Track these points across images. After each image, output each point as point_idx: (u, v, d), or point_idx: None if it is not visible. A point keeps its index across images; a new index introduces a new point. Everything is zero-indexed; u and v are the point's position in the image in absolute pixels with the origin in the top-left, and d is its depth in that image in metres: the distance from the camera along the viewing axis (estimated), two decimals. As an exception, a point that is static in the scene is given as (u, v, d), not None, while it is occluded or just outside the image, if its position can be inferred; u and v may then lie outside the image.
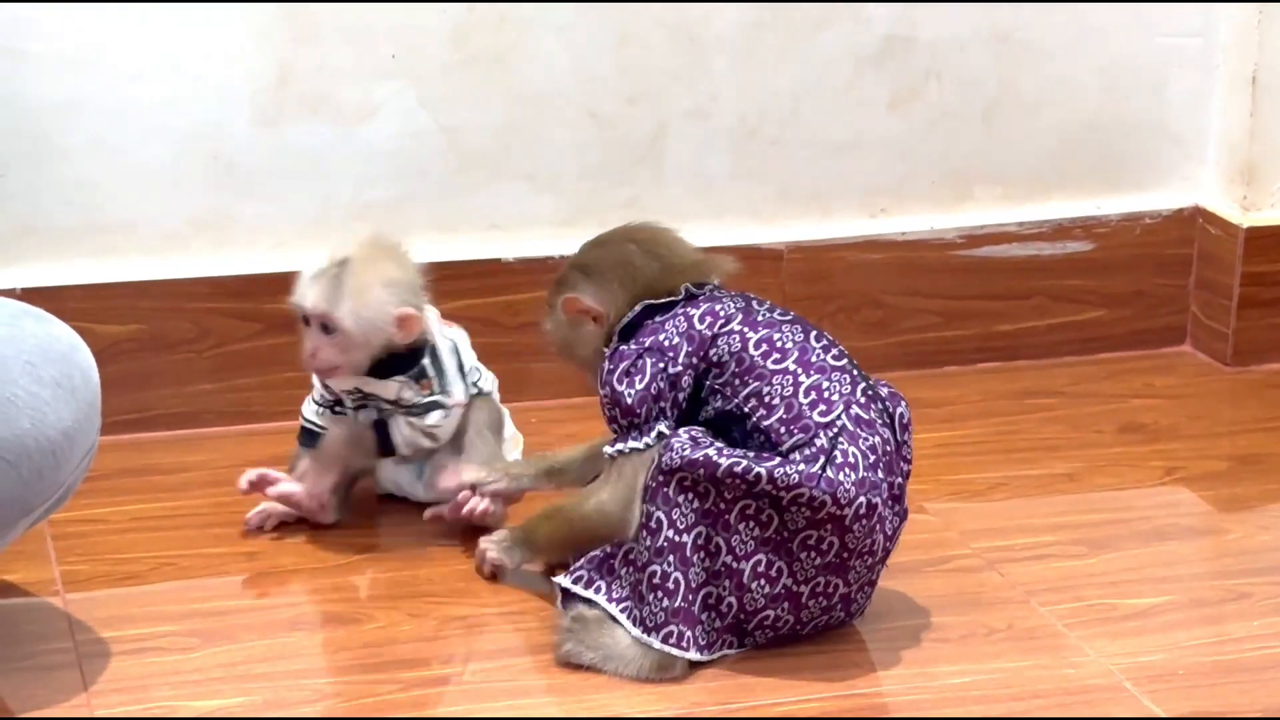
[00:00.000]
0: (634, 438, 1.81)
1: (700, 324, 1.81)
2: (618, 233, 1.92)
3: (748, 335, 1.80)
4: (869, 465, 1.74)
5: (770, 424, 1.76)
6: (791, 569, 1.75)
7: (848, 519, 1.74)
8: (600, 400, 1.84)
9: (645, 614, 1.75)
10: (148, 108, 2.19)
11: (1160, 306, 2.52)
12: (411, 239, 2.29)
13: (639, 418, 1.80)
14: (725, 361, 1.80)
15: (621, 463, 1.81)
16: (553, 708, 1.71)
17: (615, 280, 1.86)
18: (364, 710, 1.71)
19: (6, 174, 2.17)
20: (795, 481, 1.72)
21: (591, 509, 1.83)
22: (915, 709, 1.73)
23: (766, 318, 1.82)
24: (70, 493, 1.77)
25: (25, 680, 1.74)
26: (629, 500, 1.79)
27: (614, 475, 1.82)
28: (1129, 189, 2.50)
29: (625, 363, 1.81)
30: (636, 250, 1.88)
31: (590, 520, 1.83)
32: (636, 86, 2.33)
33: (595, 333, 1.88)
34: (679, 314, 1.83)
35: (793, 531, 1.74)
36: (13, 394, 1.65)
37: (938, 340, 2.47)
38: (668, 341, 1.81)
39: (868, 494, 1.74)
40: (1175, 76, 2.48)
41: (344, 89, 2.24)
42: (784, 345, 1.80)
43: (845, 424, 1.75)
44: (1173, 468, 2.21)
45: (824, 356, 1.80)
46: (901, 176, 2.43)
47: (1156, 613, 1.89)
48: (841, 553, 1.75)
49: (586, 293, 1.87)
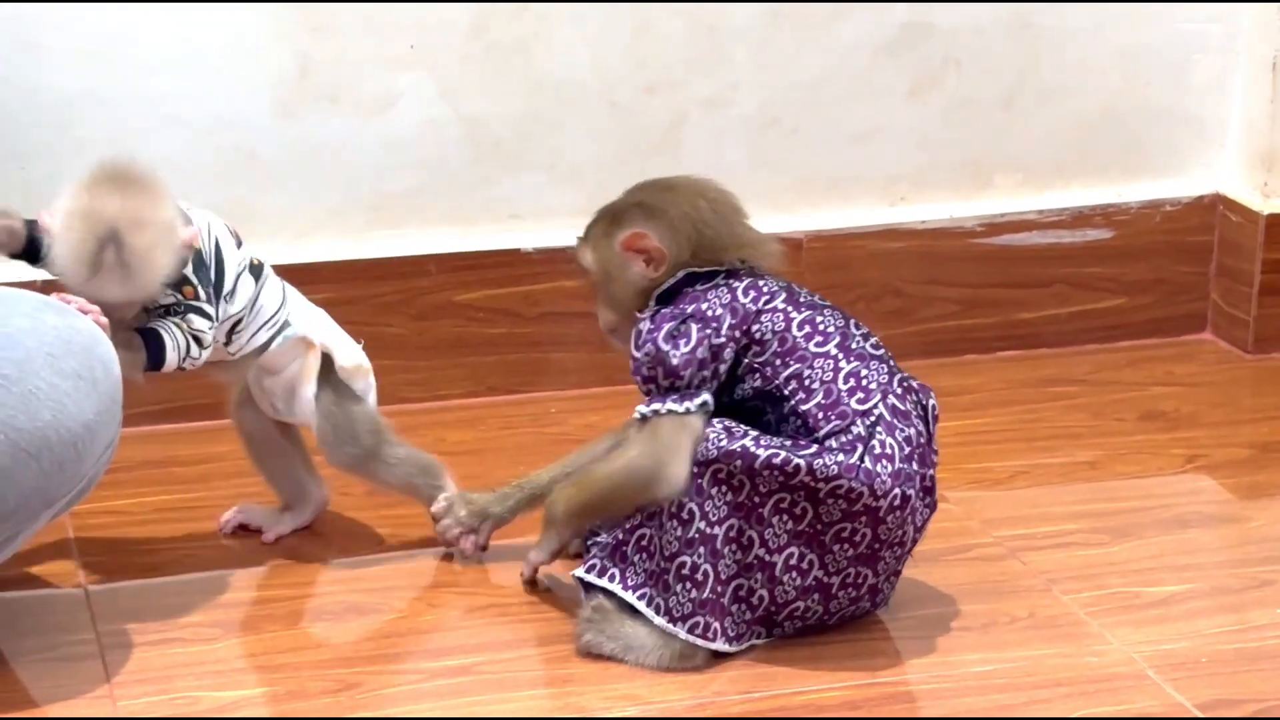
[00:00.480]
0: (674, 400, 1.75)
1: (744, 297, 1.78)
2: (685, 182, 1.84)
3: (791, 315, 1.77)
4: (904, 457, 1.74)
5: (809, 408, 1.74)
6: (823, 561, 1.75)
7: (882, 510, 1.73)
8: (634, 360, 1.77)
9: (671, 603, 1.74)
10: (168, 99, 2.19)
11: (1181, 294, 2.52)
12: (430, 229, 2.31)
13: (683, 380, 1.75)
14: (767, 339, 1.77)
15: (657, 423, 1.75)
16: (575, 698, 1.71)
17: (682, 232, 1.80)
18: (388, 701, 1.71)
19: (27, 166, 2.18)
20: (835, 473, 1.71)
21: (619, 468, 1.76)
22: (937, 697, 1.73)
23: (808, 299, 1.80)
24: (92, 485, 1.77)
25: (48, 671, 1.74)
26: (664, 460, 1.73)
27: (647, 434, 1.74)
28: (1149, 176, 2.49)
29: (669, 324, 1.76)
30: (707, 208, 1.82)
31: (617, 479, 1.76)
32: (655, 76, 2.32)
33: (641, 277, 1.81)
34: (721, 285, 1.79)
35: (826, 524, 1.74)
36: (34, 386, 1.65)
37: (958, 329, 2.47)
38: (710, 311, 1.77)
39: (903, 485, 1.73)
40: (1196, 62, 2.47)
41: (363, 80, 2.24)
42: (826, 329, 1.77)
43: (883, 413, 1.74)
44: (1194, 455, 2.21)
45: (863, 344, 1.78)
46: (921, 164, 2.43)
47: (1179, 600, 1.89)
48: (873, 544, 1.75)
49: (650, 231, 1.80)
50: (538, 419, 2.28)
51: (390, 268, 2.29)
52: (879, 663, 1.77)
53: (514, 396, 2.34)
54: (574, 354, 2.34)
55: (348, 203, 2.28)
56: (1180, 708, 1.71)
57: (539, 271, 2.32)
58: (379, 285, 2.29)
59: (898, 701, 1.72)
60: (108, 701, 1.70)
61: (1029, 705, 1.71)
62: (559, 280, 2.32)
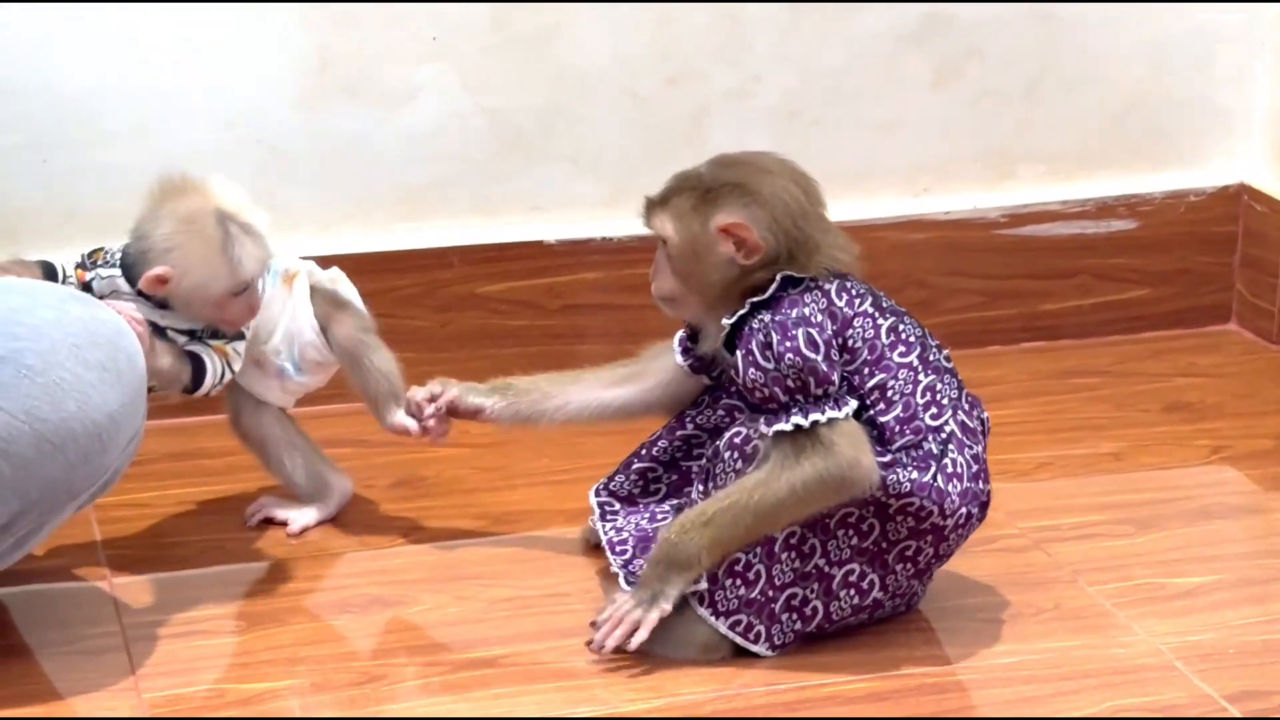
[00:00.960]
0: (831, 407, 1.67)
1: (839, 301, 1.72)
2: (777, 165, 1.76)
3: (879, 321, 1.72)
4: (972, 475, 1.73)
5: (887, 420, 1.71)
6: (884, 582, 1.74)
7: (947, 530, 1.73)
8: (773, 375, 1.67)
9: (718, 597, 1.73)
10: (190, 92, 2.19)
11: (1205, 285, 2.51)
12: (452, 221, 2.31)
13: (834, 386, 1.68)
14: (858, 348, 1.71)
15: (826, 431, 1.66)
16: (600, 690, 1.71)
17: (781, 225, 1.72)
18: (412, 694, 1.71)
19: (51, 158, 2.18)
20: (907, 490, 1.69)
21: (799, 482, 1.66)
22: (963, 689, 1.72)
23: (889, 305, 1.75)
24: (116, 477, 1.77)
25: (73, 663, 1.74)
26: (855, 459, 1.66)
27: (820, 443, 1.66)
28: (1173, 166, 2.49)
29: (799, 331, 1.68)
30: (802, 198, 1.73)
31: (797, 495, 1.66)
32: (678, 67, 2.32)
33: (729, 263, 1.73)
34: (814, 288, 1.72)
35: (892, 542, 1.73)
36: (59, 377, 1.65)
37: (981, 320, 2.46)
38: (813, 318, 1.70)
39: (969, 505, 1.73)
40: (1220, 52, 2.46)
41: (385, 72, 2.24)
42: (908, 338, 1.73)
43: (954, 430, 1.72)
44: (1219, 446, 2.20)
45: (939, 356, 1.75)
46: (944, 155, 2.42)
47: (1205, 592, 1.88)
48: (931, 560, 1.75)
49: (751, 223, 1.71)
50: (560, 411, 2.28)
51: (412, 260, 2.28)
52: (904, 655, 1.76)
53: (536, 389, 2.33)
54: (597, 346, 2.33)
55: (369, 195, 2.28)
56: (1208, 699, 1.70)
57: (561, 263, 2.32)
58: (401, 278, 2.28)
59: (923, 693, 1.71)
60: (132, 694, 1.70)
61: (1055, 697, 1.70)
62: (582, 272, 2.32)
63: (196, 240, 1.82)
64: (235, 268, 1.83)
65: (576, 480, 2.07)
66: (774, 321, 1.69)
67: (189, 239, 1.82)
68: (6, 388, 1.63)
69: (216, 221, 1.82)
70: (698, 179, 1.75)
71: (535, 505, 2.05)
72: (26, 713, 1.67)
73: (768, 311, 1.71)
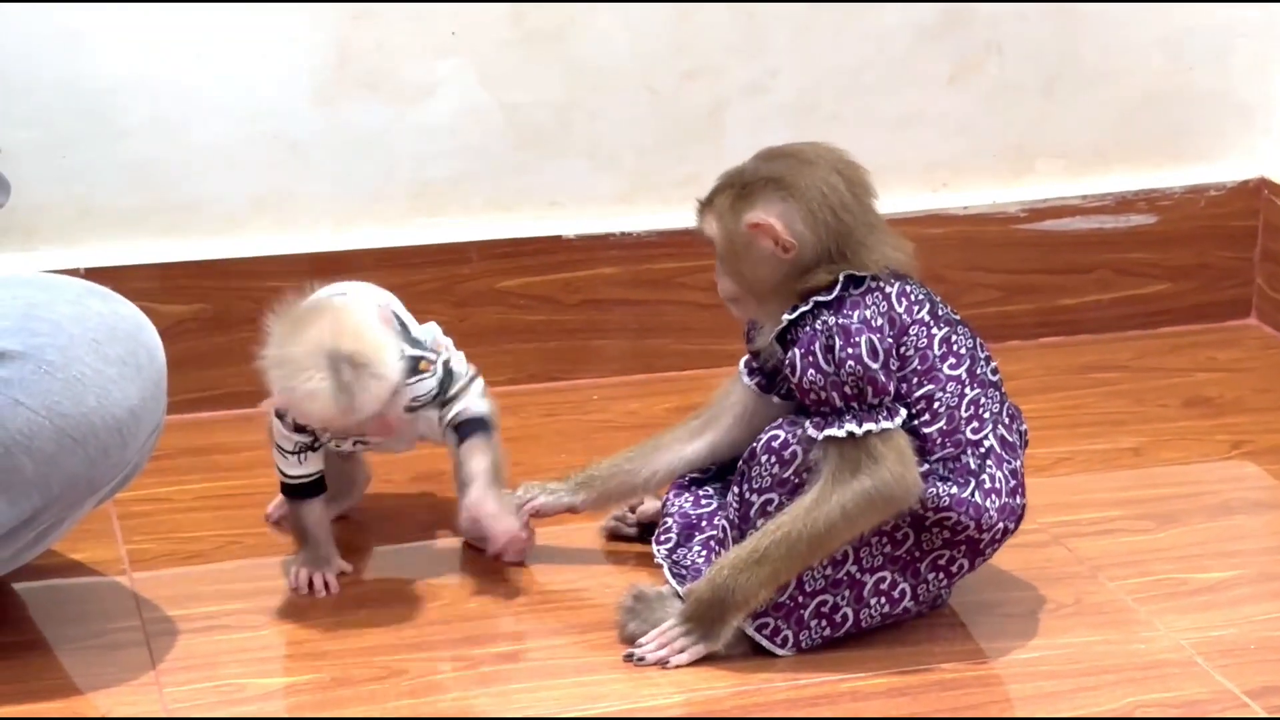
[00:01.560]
0: (884, 416, 1.66)
1: (899, 306, 1.69)
2: (819, 155, 1.73)
3: (934, 331, 1.70)
4: (1009, 490, 1.72)
5: (930, 432, 1.69)
6: (915, 591, 1.73)
7: (983, 544, 1.73)
8: (832, 379, 1.66)
9: None
10: (208, 87, 2.19)
11: (1225, 279, 2.50)
12: (470, 216, 2.31)
13: (889, 395, 1.67)
14: (910, 355, 1.69)
15: (877, 442, 1.66)
16: (621, 685, 1.71)
17: (819, 217, 1.69)
18: (433, 688, 1.71)
19: (69, 154, 2.18)
20: (945, 504, 1.69)
21: (849, 502, 1.65)
22: (983, 684, 1.72)
23: (945, 313, 1.73)
24: (137, 471, 1.77)
25: (94, 658, 1.74)
26: (906, 471, 1.65)
27: (869, 456, 1.65)
28: (1192, 160, 2.48)
29: (865, 338, 1.66)
30: (844, 188, 1.70)
31: (849, 516, 1.66)
32: (695, 62, 2.32)
33: (772, 257, 1.70)
34: (875, 290, 1.69)
35: (925, 551, 1.72)
36: (80, 372, 1.65)
37: (999, 315, 2.46)
38: (874, 321, 1.68)
39: (1005, 520, 1.72)
40: (1239, 46, 2.45)
41: (403, 67, 2.24)
42: (959, 350, 1.71)
43: (993, 446, 1.72)
44: (1239, 441, 2.19)
45: (985, 370, 1.74)
46: (962, 150, 2.42)
47: (1225, 587, 1.88)
48: (967, 571, 1.75)
49: (783, 218, 1.68)
50: (579, 406, 2.28)
51: (430, 255, 2.28)
52: (924, 650, 1.76)
53: (555, 384, 2.33)
54: (615, 341, 2.33)
55: (387, 190, 2.27)
56: (1229, 694, 1.70)
57: (579, 258, 2.32)
58: (419, 273, 2.28)
59: (944, 689, 1.71)
60: (153, 689, 1.70)
61: (1076, 692, 1.70)
62: (599, 267, 2.32)
63: (305, 385, 1.73)
64: (347, 412, 1.74)
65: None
66: (838, 325, 1.67)
67: (298, 384, 1.73)
68: (27, 384, 1.64)
69: (329, 366, 1.72)
70: (739, 174, 1.73)
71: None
72: (47, 707, 1.67)
73: (830, 312, 1.68)
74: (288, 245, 2.24)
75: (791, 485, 1.71)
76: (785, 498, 1.71)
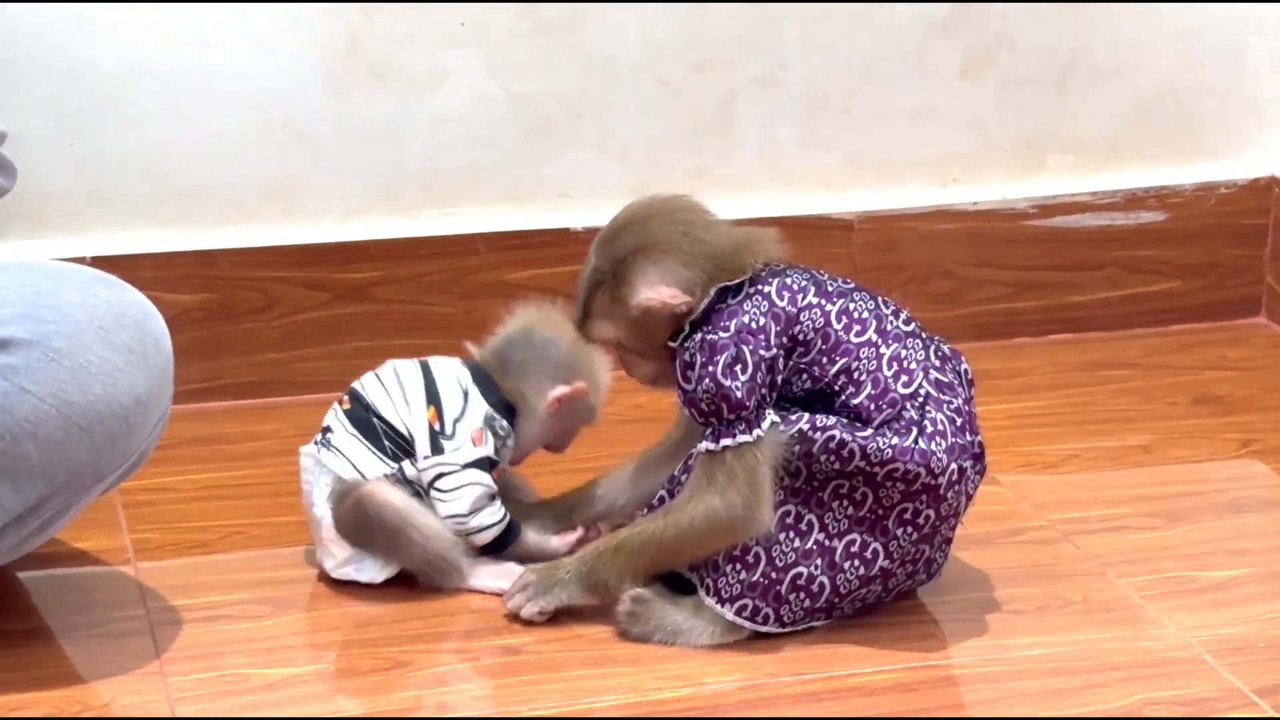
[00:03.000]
0: (742, 430, 1.68)
1: (781, 300, 1.71)
2: (653, 206, 1.76)
3: (827, 308, 1.72)
4: (956, 429, 1.72)
5: (860, 402, 1.70)
6: (888, 549, 1.73)
7: (941, 488, 1.72)
8: (686, 393, 1.70)
9: (720, 584, 1.73)
10: (217, 76, 2.19)
11: (1235, 277, 2.50)
12: (479, 208, 2.30)
13: (749, 410, 1.68)
14: (811, 339, 1.71)
15: (732, 461, 1.68)
16: (627, 678, 1.70)
17: (693, 257, 1.71)
18: (438, 680, 1.71)
19: (77, 142, 2.17)
20: (889, 456, 1.69)
21: (698, 519, 1.69)
22: (991, 680, 1.71)
23: (835, 286, 1.75)
24: (143, 460, 1.77)
25: (98, 647, 1.74)
26: (750, 502, 1.68)
27: (723, 476, 1.68)
28: (1204, 158, 2.47)
29: (725, 354, 1.69)
30: (694, 217, 1.74)
31: (697, 530, 1.69)
32: (706, 54, 2.31)
33: (675, 318, 1.73)
34: (753, 293, 1.72)
35: (888, 508, 1.72)
36: (86, 360, 1.65)
37: (1008, 311, 2.45)
38: (754, 324, 1.70)
39: (957, 459, 1.72)
40: (1252, 43, 2.45)
41: (413, 57, 2.23)
42: (861, 315, 1.73)
43: (929, 390, 1.72)
44: (1248, 440, 2.19)
45: (896, 323, 1.75)
46: (973, 145, 2.41)
47: (1234, 585, 1.87)
48: (935, 522, 1.74)
49: (664, 279, 1.71)
50: (586, 399, 2.27)
51: (439, 246, 2.28)
52: (932, 645, 1.76)
53: (562, 376, 2.32)
54: (623, 334, 2.33)
55: (396, 181, 2.27)
56: (1237, 693, 1.69)
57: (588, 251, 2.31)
58: (427, 264, 2.28)
59: (951, 684, 1.71)
60: (157, 678, 1.69)
61: (1084, 689, 1.69)
62: (608, 260, 2.31)
63: (598, 356, 1.85)
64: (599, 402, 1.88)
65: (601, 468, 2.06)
66: (704, 340, 1.70)
67: (592, 354, 1.84)
68: (34, 371, 1.63)
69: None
70: (597, 272, 1.76)
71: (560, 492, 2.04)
72: (51, 695, 1.67)
73: (703, 328, 1.71)
74: (296, 235, 2.24)
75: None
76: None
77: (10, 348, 1.63)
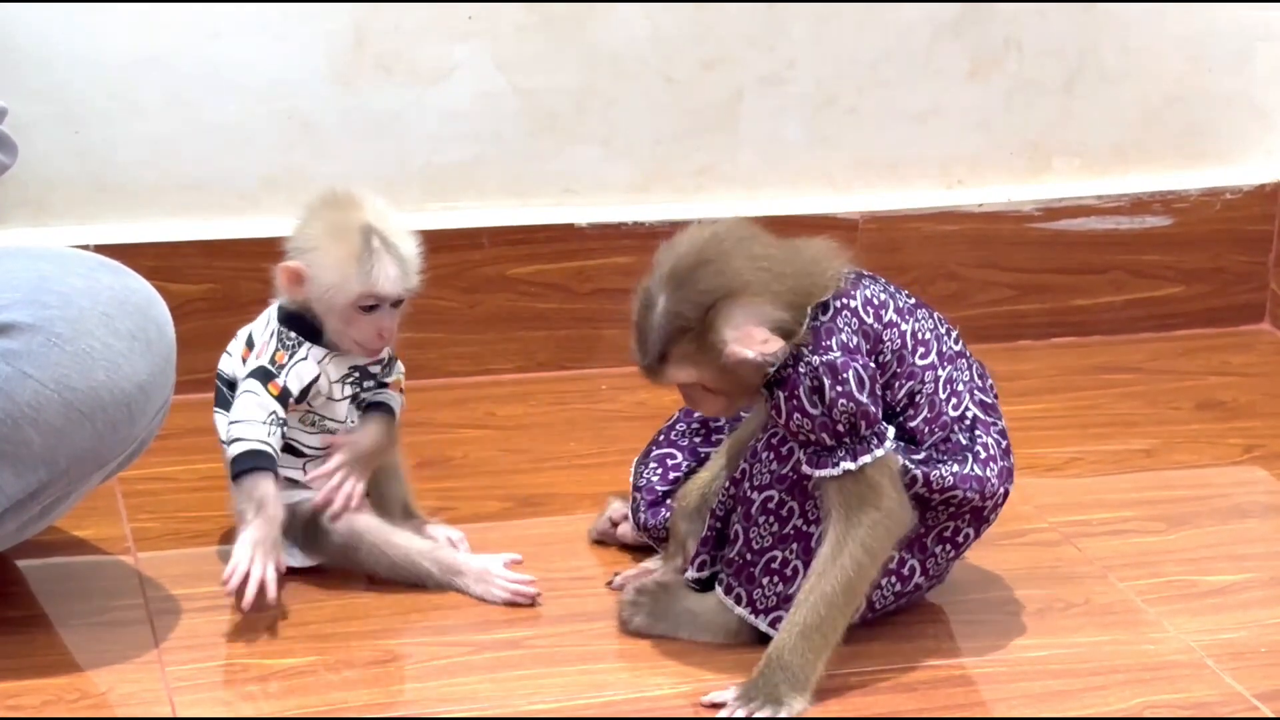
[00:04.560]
0: (875, 445, 1.63)
1: (866, 316, 1.66)
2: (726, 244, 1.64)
3: (903, 328, 1.68)
4: (1002, 451, 1.72)
5: (916, 424, 1.68)
6: (924, 566, 1.72)
7: (987, 510, 1.72)
8: (823, 420, 1.62)
9: (755, 595, 1.71)
10: (224, 66, 2.18)
11: (1239, 283, 2.49)
12: (484, 202, 2.30)
13: (881, 423, 1.64)
14: (889, 361, 1.67)
15: (873, 473, 1.63)
16: (626, 674, 1.70)
17: (781, 293, 1.62)
18: (437, 673, 1.70)
19: (82, 130, 2.17)
20: (950, 484, 1.68)
21: (861, 553, 1.63)
22: (992, 681, 1.71)
23: (905, 303, 1.70)
24: (144, 447, 1.77)
25: (97, 636, 1.74)
26: (904, 498, 1.64)
27: (870, 490, 1.63)
28: (1210, 163, 2.47)
29: (849, 372, 1.62)
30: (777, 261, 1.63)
31: (872, 554, 1.64)
32: (713, 51, 2.31)
33: (772, 356, 1.62)
34: (843, 310, 1.65)
35: (930, 526, 1.71)
36: (89, 346, 1.64)
37: (1012, 314, 2.45)
38: (851, 342, 1.64)
39: (1005, 483, 1.72)
40: (1259, 49, 2.44)
41: (420, 49, 2.23)
42: (924, 336, 1.70)
43: (976, 414, 1.71)
44: (1251, 445, 2.18)
45: (949, 343, 1.72)
46: (979, 147, 2.41)
47: (1236, 590, 1.87)
48: (973, 541, 1.74)
49: (754, 320, 1.61)
50: (588, 395, 2.27)
51: (443, 240, 2.26)
52: (934, 646, 1.75)
53: (565, 372, 2.32)
54: (626, 330, 2.30)
55: (402, 173, 2.26)
56: (1239, 697, 1.69)
57: (592, 247, 2.31)
58: (431, 257, 2.24)
59: (952, 685, 1.70)
60: (155, 667, 1.69)
61: (1085, 692, 1.69)
62: (612, 256, 2.31)
63: (336, 244, 1.80)
64: (366, 278, 1.78)
65: (603, 464, 2.06)
66: (823, 363, 1.63)
67: (329, 241, 1.80)
68: (36, 356, 1.63)
69: (360, 232, 1.79)
70: (679, 318, 1.63)
71: (562, 488, 2.04)
72: (49, 683, 1.66)
73: (810, 350, 1.63)
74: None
75: (790, 481, 1.70)
76: (784, 494, 1.70)
77: (13, 332, 1.63)
